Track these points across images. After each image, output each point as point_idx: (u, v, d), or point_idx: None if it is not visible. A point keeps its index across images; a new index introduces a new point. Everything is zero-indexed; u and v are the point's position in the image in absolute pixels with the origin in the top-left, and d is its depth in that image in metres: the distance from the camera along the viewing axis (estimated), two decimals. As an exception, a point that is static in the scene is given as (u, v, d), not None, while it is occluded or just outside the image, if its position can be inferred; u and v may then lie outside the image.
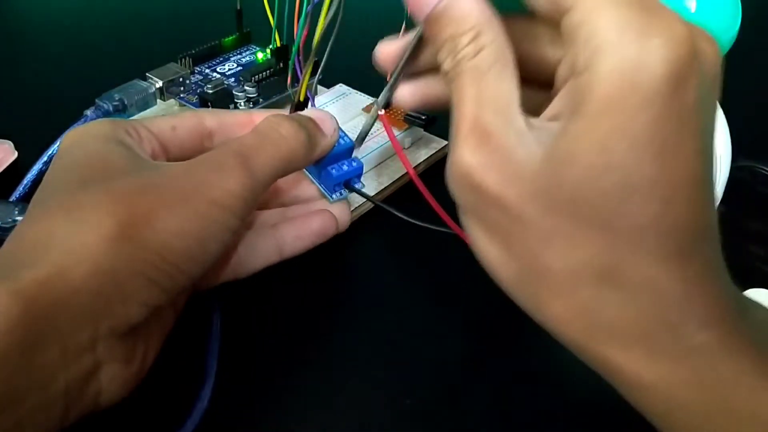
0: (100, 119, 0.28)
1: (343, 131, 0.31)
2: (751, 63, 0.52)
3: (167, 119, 0.29)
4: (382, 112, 0.28)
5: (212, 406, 0.26)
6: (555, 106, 0.21)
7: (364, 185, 0.32)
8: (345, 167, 0.31)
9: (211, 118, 0.30)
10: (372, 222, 0.37)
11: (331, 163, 0.31)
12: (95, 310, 0.22)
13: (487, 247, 0.21)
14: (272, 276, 0.34)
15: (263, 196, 0.27)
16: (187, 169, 0.25)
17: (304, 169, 0.31)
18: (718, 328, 0.19)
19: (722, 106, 0.35)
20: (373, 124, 0.30)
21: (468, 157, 0.20)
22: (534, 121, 0.20)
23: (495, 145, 0.20)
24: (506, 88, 0.20)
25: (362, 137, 0.31)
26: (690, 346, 0.19)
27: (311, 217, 0.30)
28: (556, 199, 0.19)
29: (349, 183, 0.32)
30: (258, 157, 0.26)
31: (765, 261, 0.34)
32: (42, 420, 0.21)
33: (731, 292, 0.20)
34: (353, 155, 0.32)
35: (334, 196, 0.31)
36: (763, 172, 0.40)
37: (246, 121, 0.31)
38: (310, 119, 0.29)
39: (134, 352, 0.24)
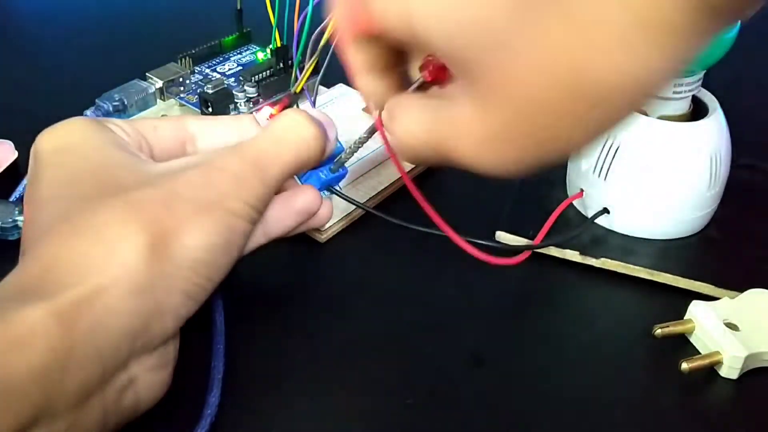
0: (76, 118, 0.27)
1: None
2: (751, 63, 0.52)
3: (149, 120, 0.29)
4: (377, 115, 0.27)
5: (220, 411, 0.26)
6: None
7: (341, 188, 0.33)
8: (332, 172, 0.31)
9: (195, 122, 0.30)
10: (372, 224, 0.37)
11: (319, 166, 0.31)
12: (134, 329, 0.22)
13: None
14: (272, 279, 0.34)
15: None
16: (205, 178, 0.25)
17: None
18: None
19: (722, 106, 0.35)
20: (368, 139, 0.30)
21: None
22: None
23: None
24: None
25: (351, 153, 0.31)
26: None
27: (294, 195, 0.29)
28: None
29: (331, 186, 0.32)
30: (275, 165, 0.26)
31: (765, 261, 0.34)
32: None
33: None
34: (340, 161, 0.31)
35: None
36: (764, 170, 0.40)
37: (233, 125, 0.30)
38: (320, 122, 0.29)
39: (165, 357, 0.24)
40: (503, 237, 0.35)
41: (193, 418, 0.26)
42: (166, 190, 0.24)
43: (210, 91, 0.41)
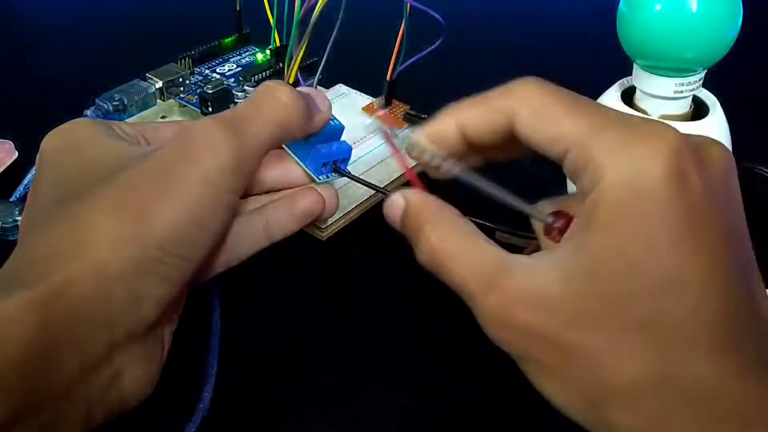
0: (79, 119, 0.27)
1: (333, 115, 0.30)
2: (751, 63, 0.52)
3: (149, 123, 0.29)
4: (382, 111, 0.26)
5: (213, 407, 0.27)
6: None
7: (350, 171, 0.32)
8: (334, 147, 0.31)
9: None
10: (371, 222, 0.37)
11: (320, 142, 0.31)
12: (110, 316, 0.22)
13: (550, 388, 0.21)
14: (270, 275, 0.34)
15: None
16: (178, 150, 0.24)
17: (291, 151, 0.30)
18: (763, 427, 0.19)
19: (722, 106, 0.35)
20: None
21: (495, 308, 0.21)
22: (532, 256, 0.22)
23: (508, 286, 0.21)
24: (484, 252, 0.23)
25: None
26: None
27: (297, 197, 0.29)
28: (591, 315, 0.19)
29: (337, 166, 0.31)
30: (252, 125, 0.25)
31: (765, 261, 0.34)
32: (63, 429, 0.21)
33: None
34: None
35: (320, 177, 0.31)
36: (763, 173, 0.40)
37: None
38: (306, 93, 0.29)
39: (152, 351, 0.24)
40: (503, 238, 0.35)
41: (187, 412, 0.26)
42: (136, 172, 0.24)
43: (210, 91, 0.41)
